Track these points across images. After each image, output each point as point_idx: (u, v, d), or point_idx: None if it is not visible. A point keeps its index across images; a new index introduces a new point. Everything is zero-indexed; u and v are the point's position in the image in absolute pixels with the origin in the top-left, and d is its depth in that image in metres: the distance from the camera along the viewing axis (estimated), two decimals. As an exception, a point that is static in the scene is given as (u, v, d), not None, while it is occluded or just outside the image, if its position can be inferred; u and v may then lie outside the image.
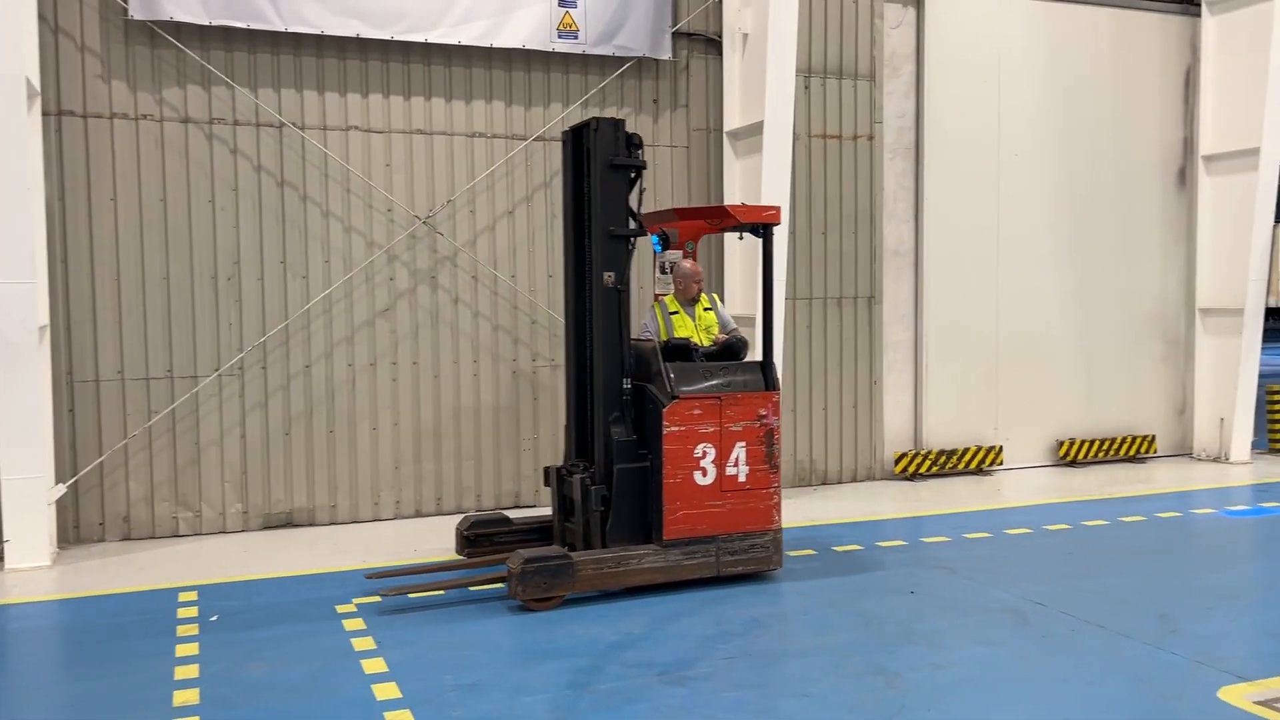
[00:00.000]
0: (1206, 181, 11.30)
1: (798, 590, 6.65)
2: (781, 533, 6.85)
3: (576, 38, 9.01)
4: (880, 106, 10.21)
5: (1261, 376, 11.49)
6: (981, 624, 5.92)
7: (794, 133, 9.44)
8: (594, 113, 9.27)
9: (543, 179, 9.19)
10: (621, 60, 9.22)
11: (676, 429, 6.53)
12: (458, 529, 7.19)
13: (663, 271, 8.29)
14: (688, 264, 7.41)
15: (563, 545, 6.85)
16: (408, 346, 8.86)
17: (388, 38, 8.53)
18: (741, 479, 6.66)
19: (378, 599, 6.40)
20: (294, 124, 8.47)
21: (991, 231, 10.71)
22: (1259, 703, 4.72)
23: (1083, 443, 11.12)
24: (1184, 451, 11.66)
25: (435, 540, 8.05)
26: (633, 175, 6.69)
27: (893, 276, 10.43)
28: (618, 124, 6.66)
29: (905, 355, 10.54)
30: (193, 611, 6.29)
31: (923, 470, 10.41)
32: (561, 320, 9.17)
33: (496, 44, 8.79)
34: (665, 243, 7.06)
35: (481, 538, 7.10)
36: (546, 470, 7.23)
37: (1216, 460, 11.20)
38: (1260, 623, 5.93)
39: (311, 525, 8.62)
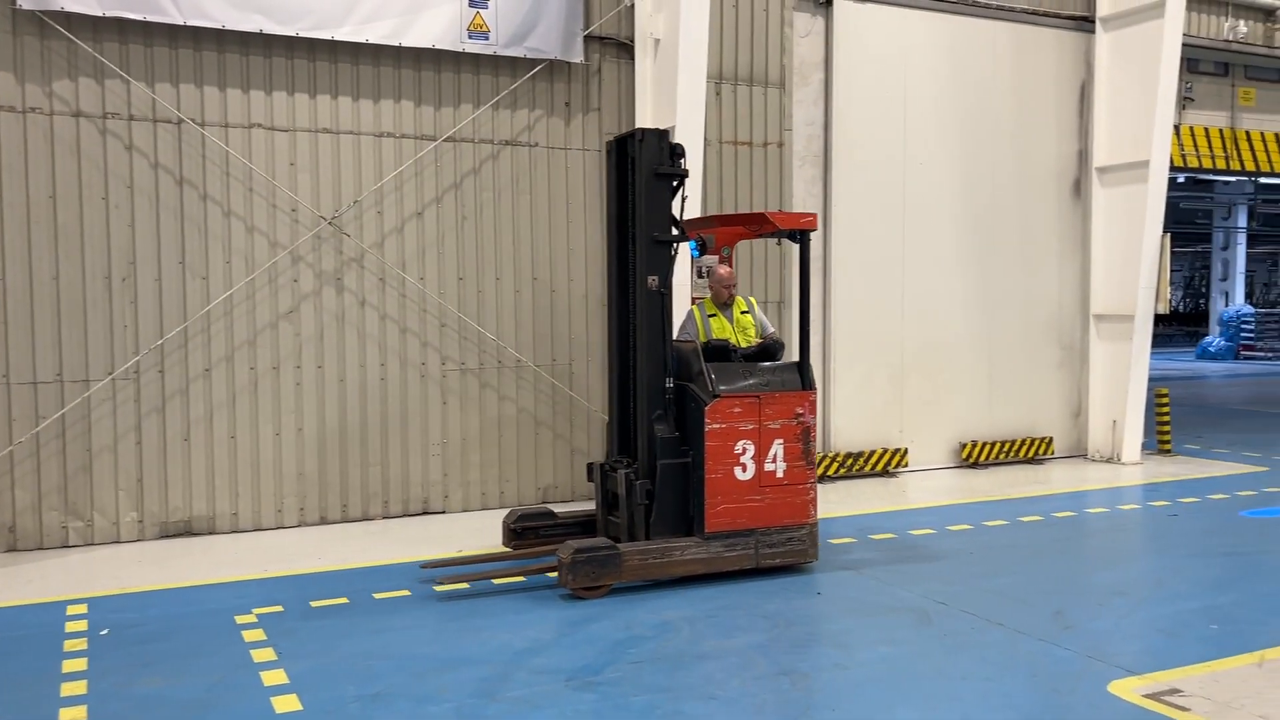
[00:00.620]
0: (1100, 192, 11.73)
1: (705, 594, 6.68)
2: (818, 526, 7.12)
3: (487, 39, 8.93)
4: (790, 114, 10.35)
5: (1151, 380, 11.96)
6: (886, 624, 6.03)
7: (705, 138, 9.50)
8: (505, 114, 9.21)
9: (453, 180, 9.08)
10: (533, 62, 9.17)
11: (718, 426, 6.82)
12: (504, 522, 7.43)
13: (699, 276, 8.39)
14: (722, 269, 7.70)
15: (607, 538, 6.98)
16: (312, 350, 8.66)
17: (292, 34, 8.33)
18: (779, 475, 6.95)
19: (279, 609, 6.24)
20: (193, 120, 8.21)
21: (897, 238, 10.93)
22: (1147, 695, 4.89)
23: (984, 445, 11.43)
24: (1079, 453, 12.06)
25: (342, 548, 7.88)
26: (675, 183, 7.01)
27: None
28: (662, 135, 6.98)
29: (814, 359, 10.66)
30: (82, 625, 6.04)
31: (830, 473, 10.57)
32: (472, 323, 9.11)
33: (405, 43, 8.66)
34: (703, 248, 7.35)
35: (528, 530, 7.41)
36: (589, 466, 7.58)
37: (1109, 461, 11.62)
38: (1149, 618, 6.16)
39: (212, 534, 8.35)
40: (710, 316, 7.61)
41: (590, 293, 9.60)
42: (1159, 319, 13.50)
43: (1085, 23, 11.73)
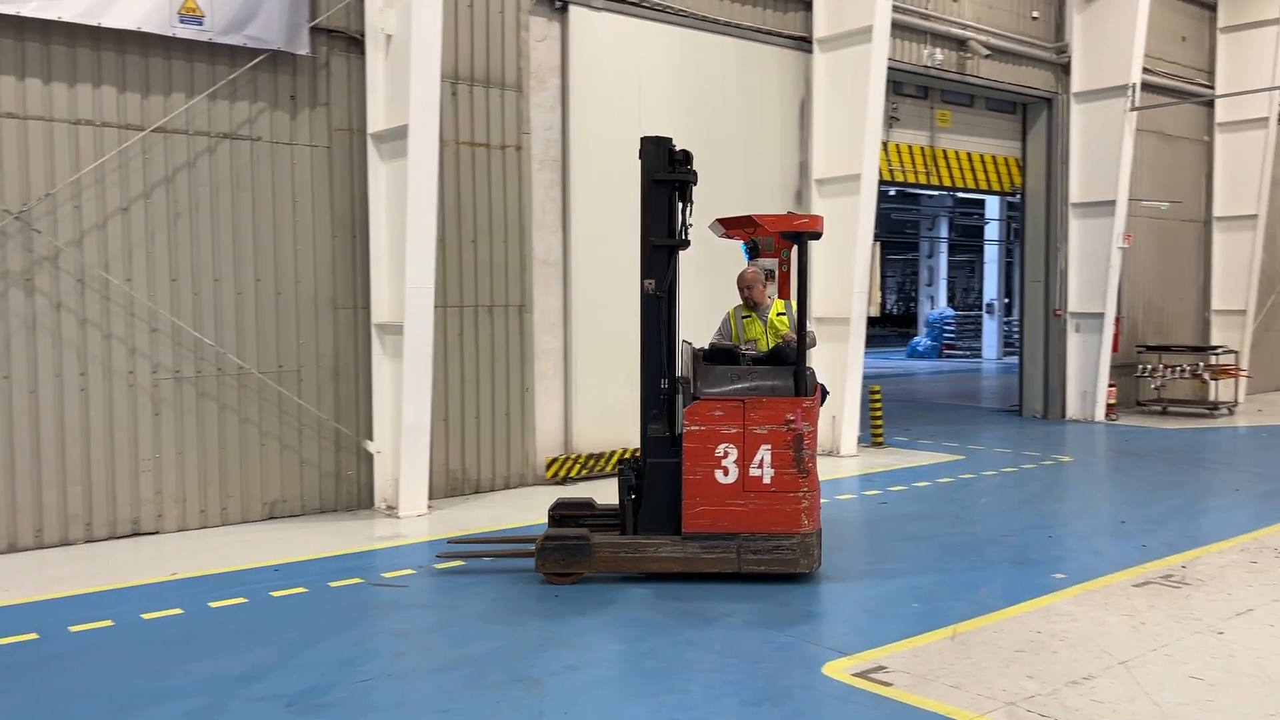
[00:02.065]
0: (819, 202, 12.52)
1: (441, 603, 6.54)
2: (814, 536, 6.85)
3: (201, 24, 8.34)
4: (527, 118, 10.36)
5: (865, 378, 12.89)
6: (618, 622, 6.13)
7: (441, 139, 9.33)
8: (223, 106, 8.65)
9: (164, 174, 8.42)
10: (254, 52, 8.66)
11: (697, 428, 6.82)
12: (548, 510, 7.55)
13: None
14: (747, 270, 7.66)
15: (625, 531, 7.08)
16: (-2, 358, 7.77)
17: (-32, 5, 7.45)
18: (766, 481, 6.79)
19: None
20: None
21: (634, 244, 11.14)
22: (856, 674, 5.24)
23: (718, 442, 11.88)
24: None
25: (35, 578, 7.11)
26: (676, 188, 7.19)
27: (543, 286, 10.60)
28: (661, 142, 7.16)
29: (556, 363, 10.75)
30: None
31: (573, 474, 10.66)
32: (188, 328, 8.48)
33: (105, 24, 7.93)
34: (754, 251, 7.51)
35: (566, 519, 7.48)
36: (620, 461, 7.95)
37: (830, 454, 12.40)
38: (859, 601, 6.60)
39: None
40: (744, 318, 7.66)
41: (320, 294, 9.19)
42: (874, 320, 14.58)
43: (805, 43, 12.49)
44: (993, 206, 30.15)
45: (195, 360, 8.58)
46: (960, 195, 27.39)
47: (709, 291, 11.78)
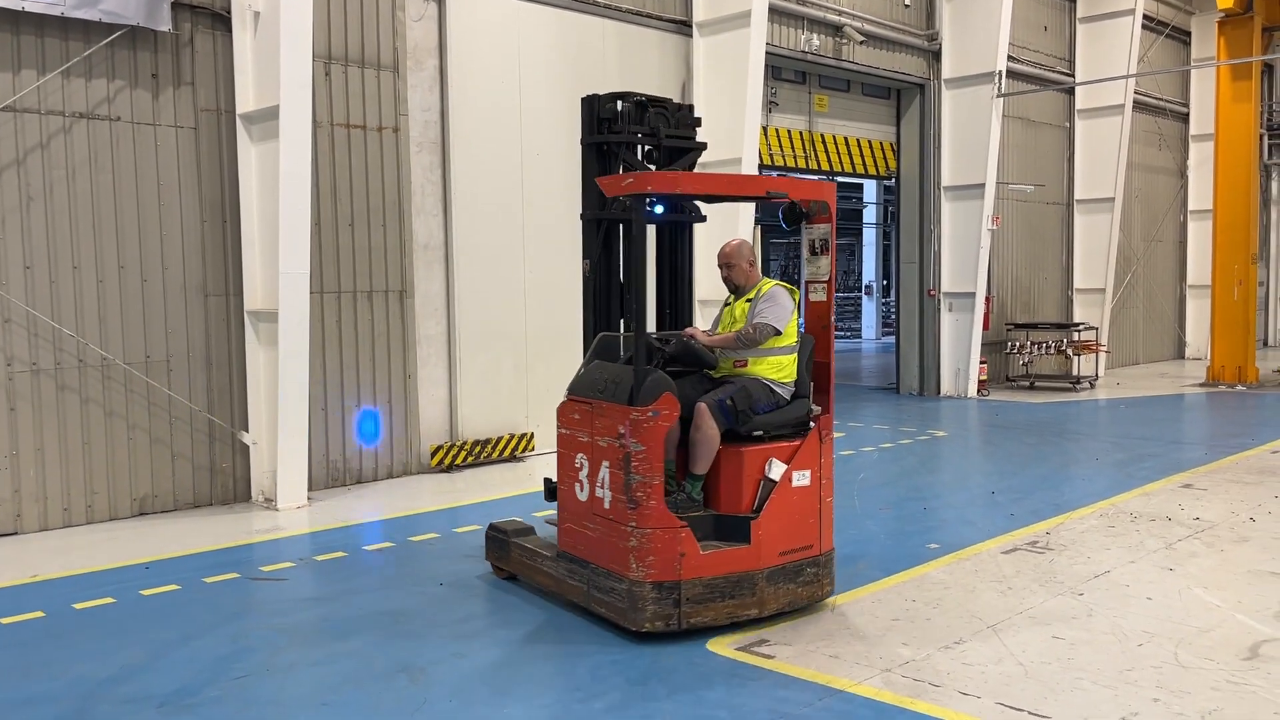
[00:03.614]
0: (701, 186, 12.61)
1: (325, 594, 6.40)
2: (644, 587, 5.30)
3: (52, -3, 7.90)
4: (405, 99, 10.15)
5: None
6: (506, 607, 6.10)
7: (315, 120, 9.07)
8: (79, 84, 8.22)
9: (15, 156, 7.96)
10: (110, 28, 8.25)
11: (563, 431, 6.01)
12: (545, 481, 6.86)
13: (812, 253, 6.17)
14: (727, 244, 6.10)
15: None
16: None
17: None
18: (606, 505, 5.56)
19: None
20: None
21: (517, 226, 11.10)
22: (738, 649, 5.33)
23: (605, 426, 11.91)
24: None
25: (-123, 585, 6.68)
26: (611, 151, 6.50)
27: (424, 270, 10.42)
28: (592, 101, 6.56)
29: (439, 349, 10.60)
30: None
31: (459, 461, 10.55)
32: (45, 319, 8.07)
33: (-55, -6, 7.46)
34: (794, 218, 5.89)
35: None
36: None
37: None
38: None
39: None
40: (725, 305, 6.30)
41: (189, 281, 8.85)
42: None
43: (685, 26, 12.55)
44: (870, 190, 30.95)
45: (54, 352, 8.16)
46: (839, 179, 28.03)
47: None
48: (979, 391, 16.13)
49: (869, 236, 33.43)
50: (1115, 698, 4.66)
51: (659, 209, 6.19)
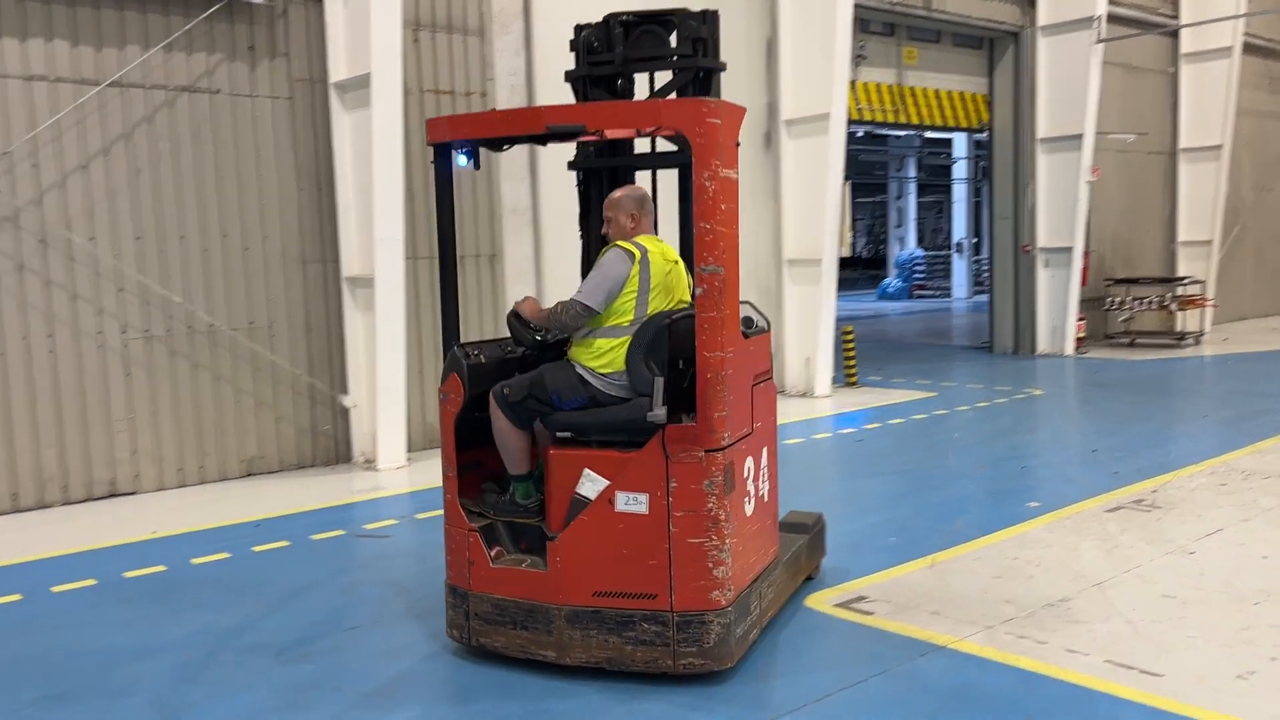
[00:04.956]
0: (788, 144, 12.45)
1: (426, 549, 6.58)
2: (447, 589, 4.85)
3: (154, -27, 8.12)
4: (492, 63, 10.20)
5: (838, 319, 12.95)
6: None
7: (405, 87, 9.18)
8: (180, 58, 8.45)
9: (121, 129, 8.24)
10: (209, 2, 8.45)
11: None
12: None
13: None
14: (616, 191, 4.98)
15: None
16: (-38, 322, 7.64)
17: (-91, -42, 7.21)
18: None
19: (-66, 616, 5.51)
20: None
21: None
22: (838, 605, 5.33)
23: (693, 387, 11.92)
24: (778, 389, 12.86)
25: (15, 540, 7.06)
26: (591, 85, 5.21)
27: (513, 234, 10.52)
28: (580, 31, 5.29)
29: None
30: None
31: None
32: (155, 287, 8.37)
33: (54, -26, 7.72)
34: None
35: None
36: None
37: (804, 395, 12.50)
38: (838, 535, 6.65)
39: None
40: None
41: (287, 250, 9.08)
42: (845, 263, 14.61)
43: (770, -19, 12.32)
44: (960, 145, 30.15)
45: (165, 319, 8.47)
46: (928, 134, 27.36)
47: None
48: (1076, 349, 15.69)
49: (958, 192, 32.63)
50: (1231, 656, 4.53)
51: (461, 159, 4.86)
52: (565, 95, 10.97)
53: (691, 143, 4.20)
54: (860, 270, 41.22)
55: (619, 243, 4.70)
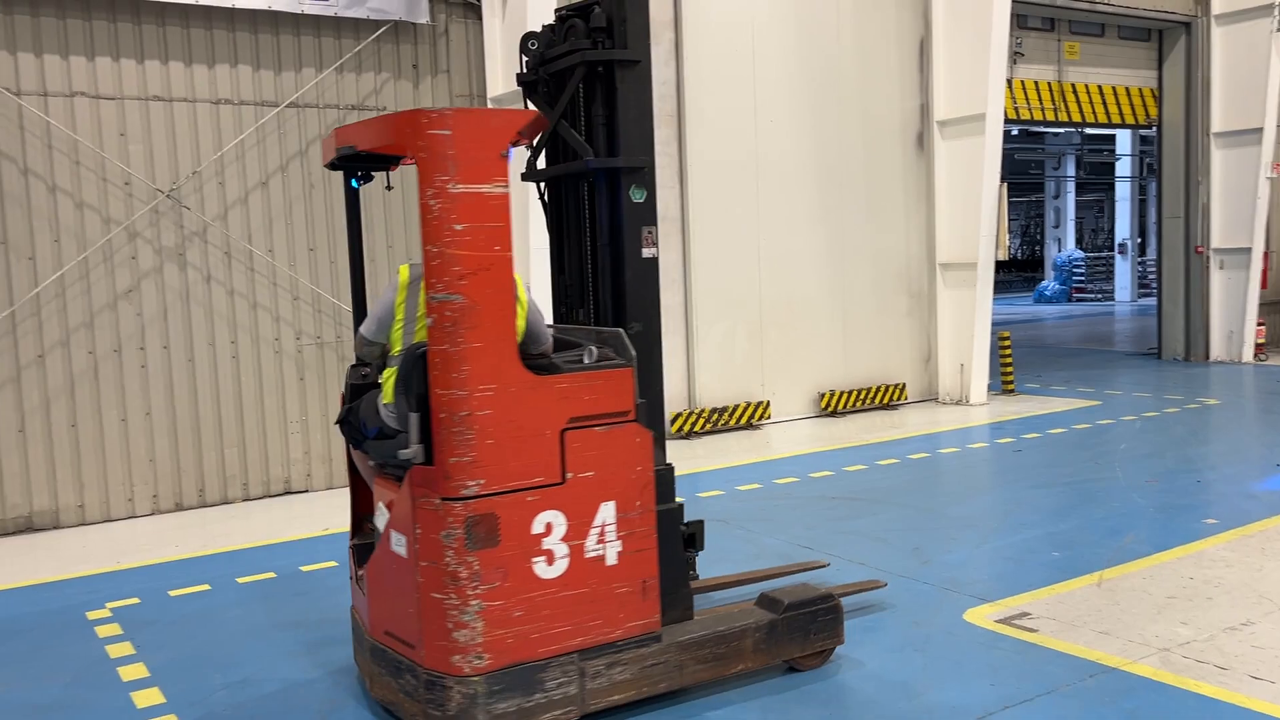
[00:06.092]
0: (941, 145, 12.18)
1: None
2: None
3: (327, 0, 8.59)
4: (642, 73, 10.33)
5: (993, 324, 12.56)
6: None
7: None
8: (350, 78, 8.91)
9: (298, 148, 8.75)
10: (376, 24, 8.88)
11: None
12: None
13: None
14: None
15: None
16: (156, 330, 8.25)
17: (113, -5, 7.85)
18: None
19: (135, 601, 5.98)
20: (7, 90, 7.65)
21: (752, 196, 11.11)
22: (999, 620, 5.18)
23: (841, 393, 11.80)
24: (931, 396, 12.59)
25: (201, 534, 7.59)
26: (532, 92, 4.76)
27: (662, 241, 10.54)
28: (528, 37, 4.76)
29: (677, 318, 10.80)
30: (-85, 635, 5.65)
31: (697, 428, 10.74)
32: (327, 296, 8.83)
33: (239, 5, 8.25)
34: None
35: None
36: None
37: (959, 403, 12.18)
38: (998, 548, 6.51)
39: (57, 528, 7.92)
40: None
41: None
42: (1000, 265, 14.16)
43: (922, -20, 12.08)
44: (1123, 141, 28.76)
45: (335, 326, 8.94)
46: (1088, 131, 26.22)
47: (831, 239, 11.68)
48: (1256, 356, 14.74)
49: (1122, 191, 31.12)
50: None
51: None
52: (712, 103, 11.01)
53: (416, 159, 3.74)
54: (1015, 272, 39.83)
55: (402, 268, 4.41)
